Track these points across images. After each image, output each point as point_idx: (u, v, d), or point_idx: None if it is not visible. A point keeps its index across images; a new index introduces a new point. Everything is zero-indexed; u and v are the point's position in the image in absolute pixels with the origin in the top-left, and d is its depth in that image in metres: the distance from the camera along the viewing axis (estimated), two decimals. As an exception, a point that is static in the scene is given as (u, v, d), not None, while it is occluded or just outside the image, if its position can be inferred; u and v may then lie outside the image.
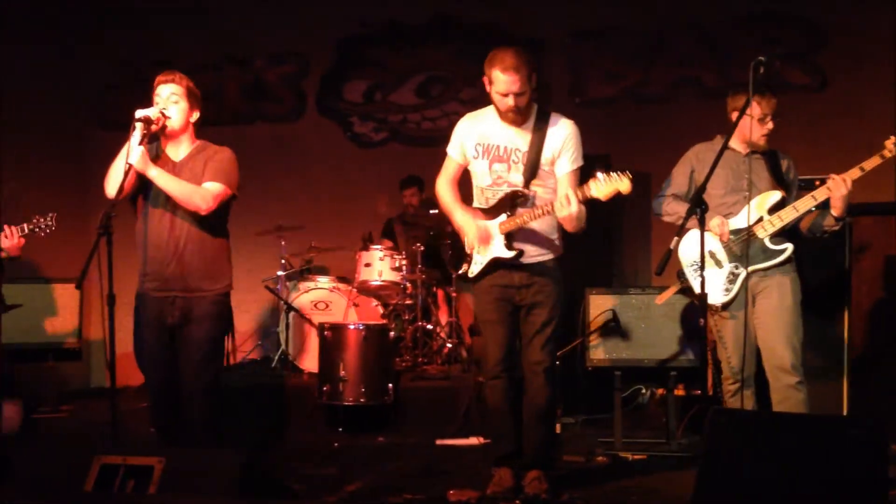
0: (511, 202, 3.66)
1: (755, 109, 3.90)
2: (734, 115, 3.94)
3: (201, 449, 3.53)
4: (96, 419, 5.40)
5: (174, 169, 3.66)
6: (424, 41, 7.27)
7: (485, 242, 3.68)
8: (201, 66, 7.27)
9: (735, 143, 4.04)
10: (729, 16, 6.62)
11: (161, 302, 3.66)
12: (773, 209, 3.99)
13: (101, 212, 3.32)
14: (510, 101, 3.54)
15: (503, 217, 3.67)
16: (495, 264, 3.72)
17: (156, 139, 3.71)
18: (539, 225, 3.68)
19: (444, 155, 3.85)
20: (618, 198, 3.40)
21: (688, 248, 4.09)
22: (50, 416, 5.77)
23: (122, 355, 3.75)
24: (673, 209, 4.17)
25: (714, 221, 4.00)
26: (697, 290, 3.78)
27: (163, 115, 3.59)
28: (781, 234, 4.00)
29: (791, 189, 4.08)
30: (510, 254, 3.66)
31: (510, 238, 3.67)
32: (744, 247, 3.96)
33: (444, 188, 3.84)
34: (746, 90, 3.60)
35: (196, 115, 3.73)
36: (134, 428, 5.20)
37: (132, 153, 3.46)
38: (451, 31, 7.20)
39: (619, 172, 3.39)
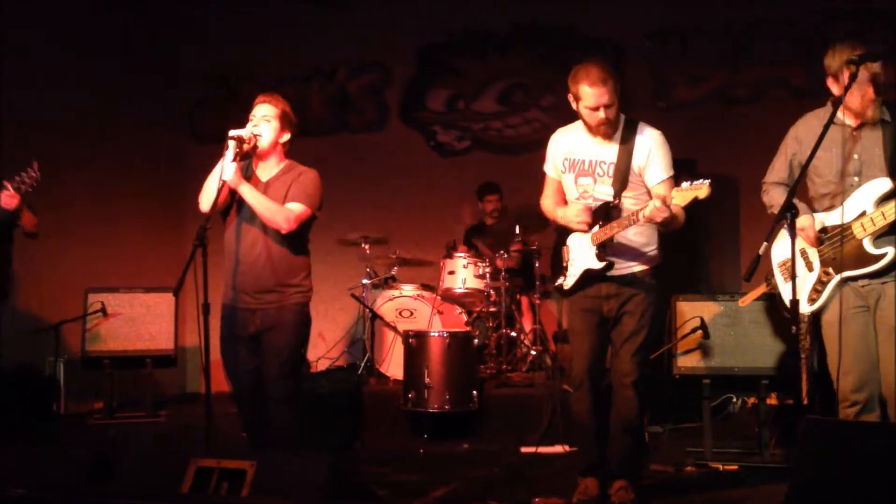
0: (604, 213, 3.63)
1: (862, 72, 3.18)
2: (829, 81, 3.35)
3: (291, 453, 3.62)
4: (191, 423, 5.60)
5: (262, 188, 3.77)
6: (504, 48, 7.27)
7: (587, 220, 3.62)
8: (288, 79, 7.46)
9: (845, 113, 3.36)
10: (818, 12, 6.38)
11: (243, 312, 3.78)
12: (881, 202, 3.27)
13: (197, 224, 3.46)
14: (601, 114, 3.51)
15: (595, 228, 3.65)
16: (588, 277, 3.69)
17: (248, 157, 3.83)
18: (633, 236, 3.64)
19: (525, 162, 3.87)
20: (703, 202, 3.32)
21: (779, 249, 3.65)
22: (148, 420, 6.00)
23: (217, 361, 3.87)
24: (768, 200, 3.61)
25: (800, 221, 3.35)
26: (784, 294, 3.59)
27: (254, 135, 3.71)
28: (890, 234, 3.27)
29: None
30: (600, 265, 3.63)
31: (602, 249, 3.64)
32: (838, 249, 3.36)
33: (547, 201, 3.87)
34: (850, 43, 3.21)
35: (286, 137, 3.83)
36: (227, 432, 5.37)
37: (226, 170, 3.60)
38: (530, 38, 7.18)
39: (701, 179, 3.24)
